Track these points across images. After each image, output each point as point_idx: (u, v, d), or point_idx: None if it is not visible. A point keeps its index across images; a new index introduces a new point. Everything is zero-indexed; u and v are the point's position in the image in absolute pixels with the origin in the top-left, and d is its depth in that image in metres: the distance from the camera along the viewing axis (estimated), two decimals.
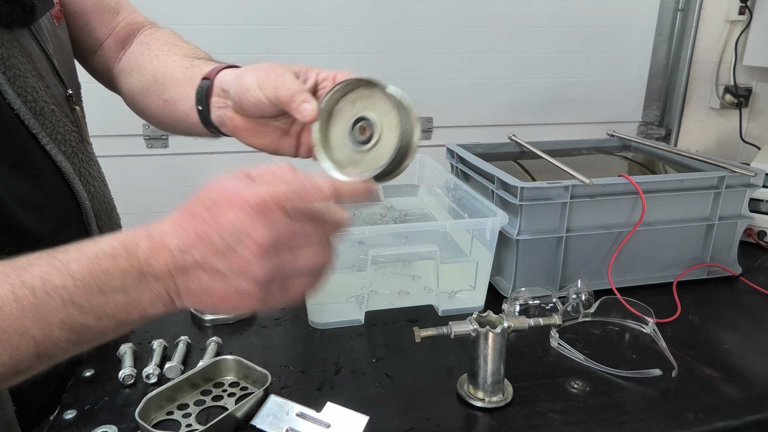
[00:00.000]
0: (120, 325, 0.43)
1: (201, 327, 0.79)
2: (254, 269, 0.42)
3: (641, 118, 2.09)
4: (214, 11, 1.64)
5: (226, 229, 0.41)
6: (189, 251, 0.42)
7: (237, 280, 0.42)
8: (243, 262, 0.41)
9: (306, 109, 0.54)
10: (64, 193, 0.65)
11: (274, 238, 0.42)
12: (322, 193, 0.44)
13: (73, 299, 0.40)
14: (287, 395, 0.64)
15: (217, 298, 0.43)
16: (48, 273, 0.40)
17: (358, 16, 1.74)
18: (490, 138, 1.19)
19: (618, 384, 0.68)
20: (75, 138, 0.68)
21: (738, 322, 0.83)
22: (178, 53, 0.74)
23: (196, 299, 0.44)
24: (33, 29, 0.63)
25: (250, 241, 0.41)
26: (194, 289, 0.43)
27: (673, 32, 2.00)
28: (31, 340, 0.40)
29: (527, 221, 0.83)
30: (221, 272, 0.42)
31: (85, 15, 0.75)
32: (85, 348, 0.44)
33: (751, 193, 0.93)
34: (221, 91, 0.63)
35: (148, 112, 0.75)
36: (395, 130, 0.53)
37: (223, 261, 0.42)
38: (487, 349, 0.62)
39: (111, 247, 0.42)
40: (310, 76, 0.59)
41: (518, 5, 1.84)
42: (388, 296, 0.85)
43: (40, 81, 0.62)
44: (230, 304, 0.43)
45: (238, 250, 0.41)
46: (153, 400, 0.60)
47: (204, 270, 0.42)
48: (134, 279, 0.42)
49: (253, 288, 0.42)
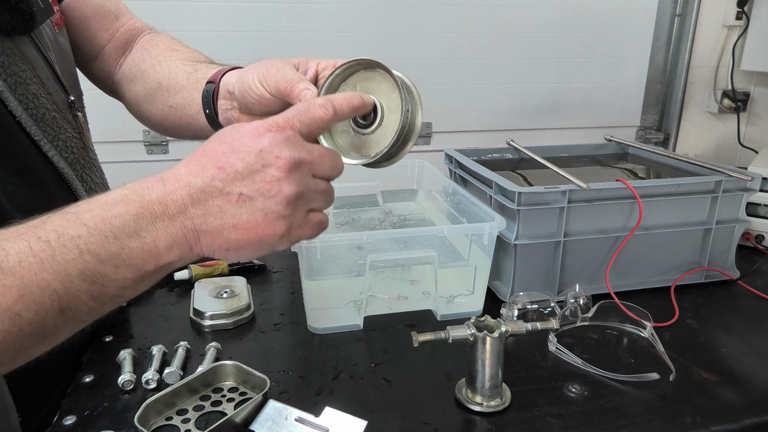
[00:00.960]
0: (139, 276, 0.43)
1: (200, 332, 0.79)
2: (283, 186, 0.42)
3: (640, 123, 2.09)
4: (211, 18, 1.65)
5: (247, 152, 0.42)
6: (210, 182, 0.42)
7: (265, 201, 0.42)
8: (272, 181, 0.42)
9: (306, 96, 0.54)
10: (67, 199, 0.66)
11: (297, 154, 0.43)
12: (322, 107, 0.47)
13: (89, 247, 0.40)
14: (286, 400, 0.64)
15: (243, 230, 0.43)
16: (62, 225, 0.41)
17: (357, 22, 1.75)
18: (489, 143, 1.19)
19: (616, 388, 0.68)
20: (77, 144, 0.68)
21: (736, 326, 0.83)
22: (179, 58, 0.75)
23: (218, 238, 0.43)
24: (34, 36, 0.64)
25: (275, 159, 0.42)
26: (215, 223, 0.42)
27: (670, 37, 2.00)
28: (53, 293, 0.40)
29: (525, 226, 0.84)
30: (247, 197, 0.42)
31: (85, 20, 0.76)
32: (108, 308, 0.44)
33: (748, 198, 0.93)
34: (227, 93, 0.64)
35: (153, 118, 0.76)
36: (397, 110, 0.52)
37: (249, 184, 0.42)
38: (484, 353, 0.63)
39: (122, 193, 0.43)
40: (311, 67, 0.60)
41: (516, 11, 1.85)
42: (387, 301, 0.86)
43: (42, 88, 0.63)
44: (257, 234, 0.43)
45: (264, 170, 0.42)
46: (152, 406, 0.60)
47: (228, 199, 0.42)
48: (147, 222, 0.42)
49: (282, 208, 0.43)
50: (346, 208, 1.11)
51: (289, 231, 0.44)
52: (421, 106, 0.55)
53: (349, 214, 1.09)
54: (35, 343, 0.41)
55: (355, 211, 1.10)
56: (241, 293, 0.85)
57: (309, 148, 0.45)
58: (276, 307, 0.87)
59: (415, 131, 0.55)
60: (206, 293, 0.85)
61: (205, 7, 1.64)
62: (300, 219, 0.45)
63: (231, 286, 0.87)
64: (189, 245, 0.43)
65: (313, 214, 0.47)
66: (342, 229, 1.03)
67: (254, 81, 0.58)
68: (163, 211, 0.42)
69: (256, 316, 0.84)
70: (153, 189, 0.42)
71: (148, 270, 0.43)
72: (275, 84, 0.57)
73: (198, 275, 0.92)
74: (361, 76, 0.56)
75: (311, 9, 1.71)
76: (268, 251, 0.45)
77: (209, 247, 0.44)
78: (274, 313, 0.85)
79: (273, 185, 0.42)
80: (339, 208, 1.11)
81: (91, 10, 0.76)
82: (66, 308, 0.40)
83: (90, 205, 0.42)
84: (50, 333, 0.41)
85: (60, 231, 0.40)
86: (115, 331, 0.79)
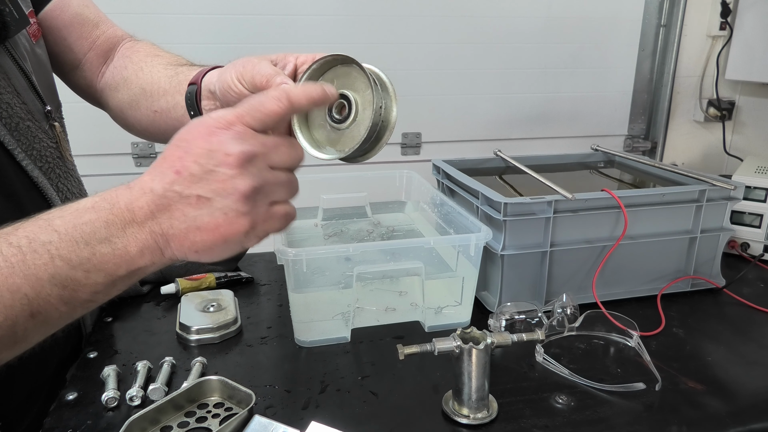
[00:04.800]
0: (111, 281, 0.43)
1: (186, 347, 0.79)
2: (237, 183, 0.42)
3: (627, 132, 2.11)
4: (199, 30, 1.65)
5: (199, 154, 0.42)
6: (170, 187, 0.42)
7: (223, 201, 0.42)
8: (224, 180, 0.42)
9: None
10: (41, 208, 0.65)
11: (247, 148, 0.43)
12: (275, 99, 0.45)
13: (60, 253, 0.41)
14: (272, 415, 0.64)
15: (206, 231, 0.43)
16: (33, 231, 0.41)
17: (346, 34, 1.76)
18: (478, 153, 1.20)
19: (603, 398, 0.68)
20: (53, 154, 0.68)
21: (722, 334, 0.84)
22: (161, 63, 0.75)
23: (185, 241, 0.43)
24: (8, 46, 0.64)
25: (225, 156, 0.42)
26: (181, 227, 0.43)
27: (656, 47, 2.03)
28: (23, 297, 0.40)
29: (512, 236, 0.84)
30: (205, 198, 0.42)
31: (64, 29, 0.76)
32: (79, 312, 0.44)
33: (732, 206, 0.94)
34: (209, 93, 0.65)
35: (138, 125, 0.76)
36: (371, 106, 0.53)
37: (204, 185, 0.42)
38: (470, 365, 0.63)
39: (92, 201, 0.43)
40: (289, 61, 0.60)
41: (504, 22, 1.87)
42: (375, 313, 0.86)
43: (16, 97, 0.63)
44: (221, 234, 0.43)
45: (216, 170, 0.42)
46: (136, 423, 0.59)
47: (188, 202, 0.42)
48: (118, 228, 0.42)
49: (240, 205, 0.43)
50: (335, 219, 1.11)
51: (253, 227, 0.44)
52: (397, 103, 0.55)
53: (338, 225, 1.09)
54: (5, 348, 0.41)
55: (343, 222, 1.10)
56: (228, 307, 0.85)
57: (262, 140, 0.45)
58: (263, 321, 0.86)
59: (389, 127, 0.55)
60: (193, 307, 0.84)
61: (193, 20, 1.65)
62: (263, 213, 0.45)
63: (218, 299, 0.87)
64: (160, 249, 0.44)
65: (276, 206, 0.46)
66: (330, 240, 1.03)
67: (233, 79, 0.59)
68: (132, 218, 0.43)
69: (243, 330, 0.83)
70: (121, 196, 0.43)
71: (120, 275, 0.43)
72: (251, 80, 0.57)
73: (185, 289, 0.91)
74: (339, 71, 0.56)
75: (299, 21, 1.72)
76: (238, 249, 0.45)
77: (179, 250, 0.44)
78: (261, 326, 0.85)
79: (227, 184, 0.42)
80: (327, 219, 1.10)
81: (69, 19, 0.76)
82: (37, 312, 0.41)
83: (62, 212, 0.43)
84: (20, 338, 0.41)
85: (31, 237, 0.41)
86: (100, 347, 0.78)
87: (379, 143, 0.55)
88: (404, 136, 1.91)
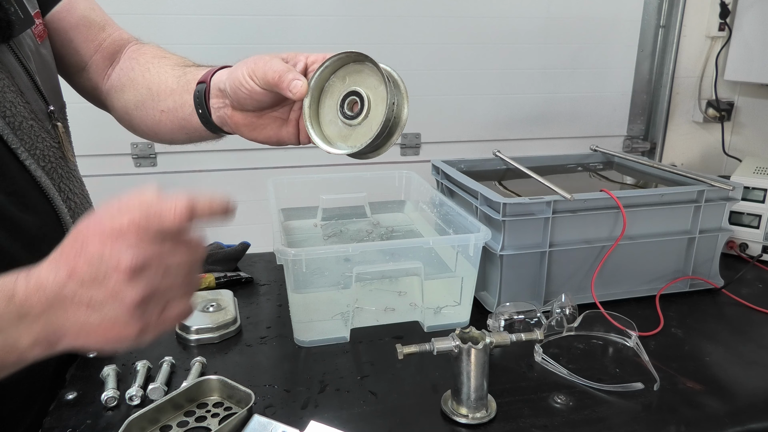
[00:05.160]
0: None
1: (186, 347, 0.79)
2: (126, 293, 0.42)
3: (626, 132, 2.12)
4: (198, 31, 1.65)
5: (93, 255, 0.42)
6: (62, 290, 0.42)
7: (110, 309, 0.42)
8: (114, 288, 0.41)
9: (296, 86, 0.55)
10: (43, 208, 0.65)
11: (139, 257, 0.42)
12: (174, 212, 0.43)
13: None
14: (271, 414, 0.64)
15: (97, 334, 0.43)
16: None
17: (345, 34, 1.77)
18: (477, 153, 1.20)
19: (601, 398, 0.68)
20: (55, 154, 0.68)
21: (720, 334, 0.84)
22: (168, 64, 0.75)
23: (77, 339, 0.43)
24: (13, 45, 0.64)
25: (117, 265, 0.41)
26: (72, 327, 0.43)
27: (655, 48, 2.04)
28: None
29: (511, 236, 0.84)
30: (97, 302, 0.42)
31: (71, 31, 0.76)
32: None
33: (730, 207, 0.94)
34: (218, 91, 0.65)
35: (144, 125, 0.76)
36: (383, 103, 0.53)
37: (95, 290, 0.42)
38: (469, 365, 0.63)
39: None
40: (300, 60, 0.60)
41: (504, 22, 1.87)
42: (374, 313, 0.86)
43: (19, 96, 0.63)
44: (112, 336, 0.43)
45: (106, 278, 0.41)
46: (135, 423, 0.59)
47: (78, 305, 0.42)
48: (11, 322, 0.42)
49: (126, 315, 0.42)
50: (334, 219, 1.11)
51: (143, 331, 0.44)
52: (408, 101, 0.56)
53: (337, 225, 1.09)
54: None
55: (343, 222, 1.11)
56: (228, 307, 0.85)
57: (157, 248, 0.43)
58: (263, 320, 0.86)
59: (400, 124, 0.55)
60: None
61: (193, 20, 1.65)
62: (154, 317, 0.44)
63: (217, 299, 0.87)
64: (50, 344, 0.43)
65: (170, 308, 0.45)
66: (330, 241, 1.03)
67: (244, 76, 0.59)
68: (27, 312, 0.42)
69: (242, 330, 0.83)
70: (19, 288, 0.42)
71: (9, 362, 0.43)
72: (264, 76, 0.57)
73: None
74: (350, 69, 0.57)
75: (299, 22, 1.72)
76: (133, 346, 0.45)
77: (71, 345, 0.44)
78: (260, 326, 0.85)
79: (117, 293, 0.42)
80: (327, 219, 1.11)
81: (76, 21, 0.76)
82: None
83: None
84: None
85: None
86: None
87: (390, 140, 0.56)
88: (404, 136, 1.92)
